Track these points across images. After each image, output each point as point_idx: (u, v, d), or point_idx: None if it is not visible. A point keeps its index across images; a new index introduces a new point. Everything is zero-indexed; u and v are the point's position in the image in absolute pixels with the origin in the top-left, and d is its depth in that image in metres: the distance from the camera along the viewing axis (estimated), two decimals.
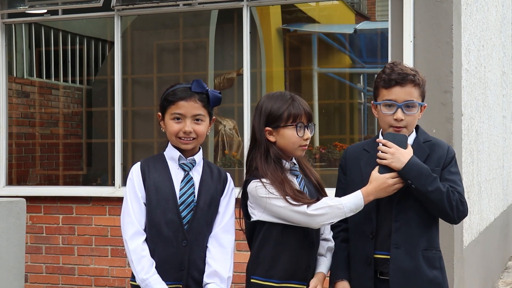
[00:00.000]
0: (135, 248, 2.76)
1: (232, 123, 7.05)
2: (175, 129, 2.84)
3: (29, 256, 6.10)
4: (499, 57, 7.92)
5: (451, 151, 2.89)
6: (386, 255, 2.81)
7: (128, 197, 2.84)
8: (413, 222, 2.80)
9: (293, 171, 2.89)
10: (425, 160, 2.80)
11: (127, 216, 2.82)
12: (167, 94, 2.87)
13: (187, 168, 2.87)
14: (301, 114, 2.83)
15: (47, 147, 7.41)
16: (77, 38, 7.95)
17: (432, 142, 2.89)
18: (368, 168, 2.85)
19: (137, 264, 2.75)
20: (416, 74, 2.84)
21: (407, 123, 2.81)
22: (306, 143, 2.86)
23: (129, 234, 2.79)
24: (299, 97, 2.91)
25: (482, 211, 6.42)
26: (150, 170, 2.86)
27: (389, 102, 2.80)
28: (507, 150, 8.83)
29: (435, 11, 5.01)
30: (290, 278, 2.82)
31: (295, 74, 7.73)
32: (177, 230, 2.80)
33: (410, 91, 2.80)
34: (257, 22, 6.87)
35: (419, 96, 2.84)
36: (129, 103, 6.75)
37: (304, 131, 2.84)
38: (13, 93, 6.86)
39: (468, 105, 5.63)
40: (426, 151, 2.84)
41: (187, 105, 2.83)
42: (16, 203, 3.68)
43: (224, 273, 2.83)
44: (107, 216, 5.94)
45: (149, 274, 2.74)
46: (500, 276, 7.91)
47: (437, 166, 2.81)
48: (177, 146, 2.88)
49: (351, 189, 2.88)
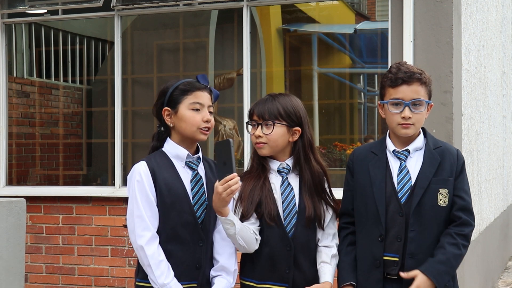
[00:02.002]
0: (152, 253, 2.70)
1: (232, 123, 7.05)
2: (198, 119, 2.76)
3: (29, 256, 6.10)
4: (499, 57, 7.92)
5: (461, 157, 2.90)
6: (395, 257, 2.81)
7: (138, 200, 2.74)
8: (428, 232, 2.81)
9: (280, 172, 2.90)
10: (436, 169, 2.82)
11: (140, 220, 2.72)
12: (179, 85, 2.81)
13: (194, 166, 2.83)
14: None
15: (47, 147, 7.41)
16: (77, 38, 7.95)
17: (442, 148, 2.89)
18: (376, 171, 2.87)
19: (156, 269, 2.70)
20: (423, 73, 2.84)
21: (415, 121, 2.82)
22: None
23: (144, 239, 2.71)
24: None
25: (482, 211, 6.41)
26: (159, 170, 2.77)
27: (396, 101, 2.80)
28: (507, 150, 8.83)
29: (435, 11, 5.01)
30: (269, 279, 2.85)
31: (295, 74, 7.73)
32: (193, 231, 2.78)
33: (417, 89, 2.80)
34: (257, 22, 6.87)
35: (426, 94, 2.84)
36: (129, 103, 6.75)
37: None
38: (13, 93, 6.86)
39: (468, 105, 5.63)
40: (438, 159, 2.85)
41: (203, 95, 2.80)
42: (16, 203, 3.68)
43: (230, 266, 2.84)
44: (107, 216, 5.94)
45: (169, 279, 2.71)
46: (500, 276, 7.91)
47: (450, 176, 2.83)
48: (194, 137, 2.78)
49: (359, 191, 2.90)
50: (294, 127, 2.89)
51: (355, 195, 2.91)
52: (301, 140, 2.91)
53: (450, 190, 2.83)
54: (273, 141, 2.86)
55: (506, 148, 8.77)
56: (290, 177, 2.90)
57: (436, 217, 2.80)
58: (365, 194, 2.88)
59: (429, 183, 2.80)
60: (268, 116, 2.86)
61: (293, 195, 2.87)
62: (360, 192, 2.89)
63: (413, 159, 2.86)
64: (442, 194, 2.81)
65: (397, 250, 2.80)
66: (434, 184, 2.81)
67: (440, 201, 2.81)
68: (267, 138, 2.86)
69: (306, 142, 2.91)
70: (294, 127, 2.89)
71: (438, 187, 2.81)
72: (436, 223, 2.81)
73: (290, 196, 2.86)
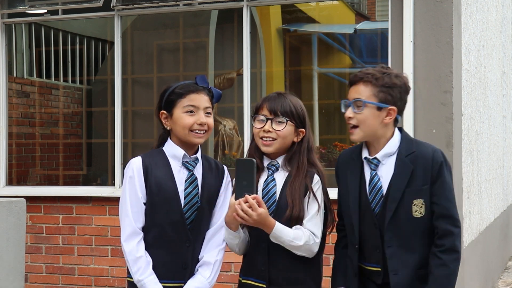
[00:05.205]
0: (130, 250, 2.75)
1: (232, 123, 7.05)
2: (190, 122, 2.77)
3: (29, 256, 6.10)
4: (499, 57, 7.92)
5: (437, 160, 2.68)
6: (377, 267, 2.75)
7: (127, 195, 2.78)
8: (409, 245, 2.70)
9: (269, 169, 2.89)
10: (409, 178, 2.66)
11: (125, 216, 2.78)
12: (175, 88, 2.82)
13: (191, 167, 2.84)
14: None
15: (47, 147, 7.41)
16: (77, 38, 7.95)
17: (416, 153, 2.69)
18: (352, 178, 2.77)
19: (133, 265, 2.74)
20: (375, 74, 2.67)
21: (358, 122, 2.69)
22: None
23: (125, 234, 2.77)
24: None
25: (482, 211, 6.41)
26: (152, 168, 2.78)
27: (344, 101, 2.75)
28: (507, 150, 8.83)
29: (435, 11, 5.01)
30: (250, 275, 2.88)
31: (295, 74, 7.73)
32: (180, 231, 2.79)
33: (358, 89, 2.69)
34: (257, 22, 6.87)
35: (372, 96, 2.67)
36: (129, 103, 6.75)
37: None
38: (13, 93, 6.86)
39: (468, 105, 5.63)
40: (410, 167, 2.67)
41: (198, 97, 2.80)
42: (16, 203, 3.68)
43: (211, 258, 2.84)
44: (107, 216, 5.94)
45: (145, 275, 2.73)
46: (500, 276, 7.91)
47: (424, 184, 2.66)
48: (188, 141, 2.80)
49: (339, 198, 2.85)
50: (300, 128, 2.89)
51: (341, 201, 2.86)
52: (301, 142, 2.90)
53: (427, 199, 2.67)
54: (282, 138, 2.84)
55: (506, 148, 8.77)
56: (278, 174, 2.88)
57: (414, 230, 2.68)
58: (344, 202, 2.83)
59: (402, 195, 2.66)
60: (281, 112, 2.84)
61: (274, 191, 2.84)
62: (340, 199, 2.85)
63: (386, 166, 2.72)
64: (417, 205, 2.67)
65: (378, 261, 2.74)
66: (407, 195, 2.66)
67: (416, 213, 2.67)
68: (277, 134, 2.83)
69: (305, 144, 2.90)
70: (300, 128, 2.89)
71: (412, 199, 2.66)
72: (416, 235, 2.69)
73: (271, 192, 2.84)
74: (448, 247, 2.64)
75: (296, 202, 2.80)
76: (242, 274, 2.93)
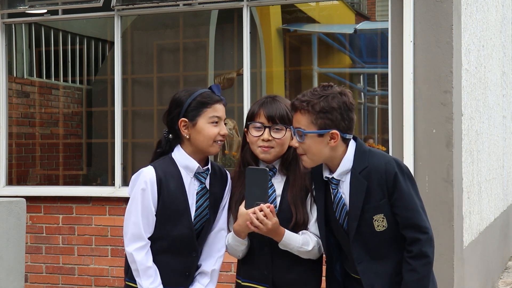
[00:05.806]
0: (141, 260, 2.71)
1: (232, 123, 7.05)
2: (215, 132, 2.75)
3: (29, 256, 6.10)
4: (499, 57, 7.92)
5: (390, 172, 2.63)
6: (358, 276, 2.75)
7: (139, 207, 2.72)
8: (380, 258, 2.70)
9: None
10: (365, 195, 2.63)
11: (135, 227, 2.72)
12: (197, 96, 2.76)
13: (203, 179, 2.81)
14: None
15: (47, 147, 7.41)
16: (77, 38, 7.95)
17: (368, 168, 2.64)
18: (319, 195, 2.77)
19: (143, 275, 2.71)
20: (312, 101, 2.61)
21: (303, 150, 2.65)
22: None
23: (134, 246, 2.72)
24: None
25: (482, 211, 6.42)
26: (165, 181, 2.74)
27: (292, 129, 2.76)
28: (507, 150, 8.83)
29: (435, 11, 5.01)
30: (251, 278, 2.86)
31: (295, 74, 7.73)
32: (188, 243, 2.78)
33: (298, 119, 2.65)
34: (257, 22, 6.87)
35: (311, 123, 2.61)
36: (129, 103, 6.75)
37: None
38: (13, 93, 6.87)
39: (468, 105, 5.63)
40: (364, 184, 2.64)
41: (222, 108, 2.80)
42: (16, 203, 3.68)
43: (207, 267, 2.85)
44: (107, 216, 5.94)
45: (155, 284, 2.72)
46: (500, 276, 7.91)
47: (382, 198, 2.63)
48: (207, 151, 2.77)
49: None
50: None
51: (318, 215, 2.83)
52: None
53: (387, 212, 2.64)
54: (281, 146, 2.81)
55: (506, 148, 8.77)
56: (275, 179, 2.85)
57: (380, 241, 2.67)
58: (319, 215, 2.81)
59: (361, 212, 2.64)
60: (278, 119, 2.79)
61: (274, 197, 2.82)
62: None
63: (346, 183, 2.69)
64: (377, 220, 2.65)
65: (357, 272, 2.74)
66: (367, 212, 2.64)
67: (378, 227, 2.65)
68: (276, 142, 2.80)
69: None
70: None
71: (371, 215, 2.64)
72: (384, 245, 2.68)
73: (272, 198, 2.81)
74: (416, 253, 2.63)
75: (299, 209, 2.79)
76: (242, 277, 2.91)
